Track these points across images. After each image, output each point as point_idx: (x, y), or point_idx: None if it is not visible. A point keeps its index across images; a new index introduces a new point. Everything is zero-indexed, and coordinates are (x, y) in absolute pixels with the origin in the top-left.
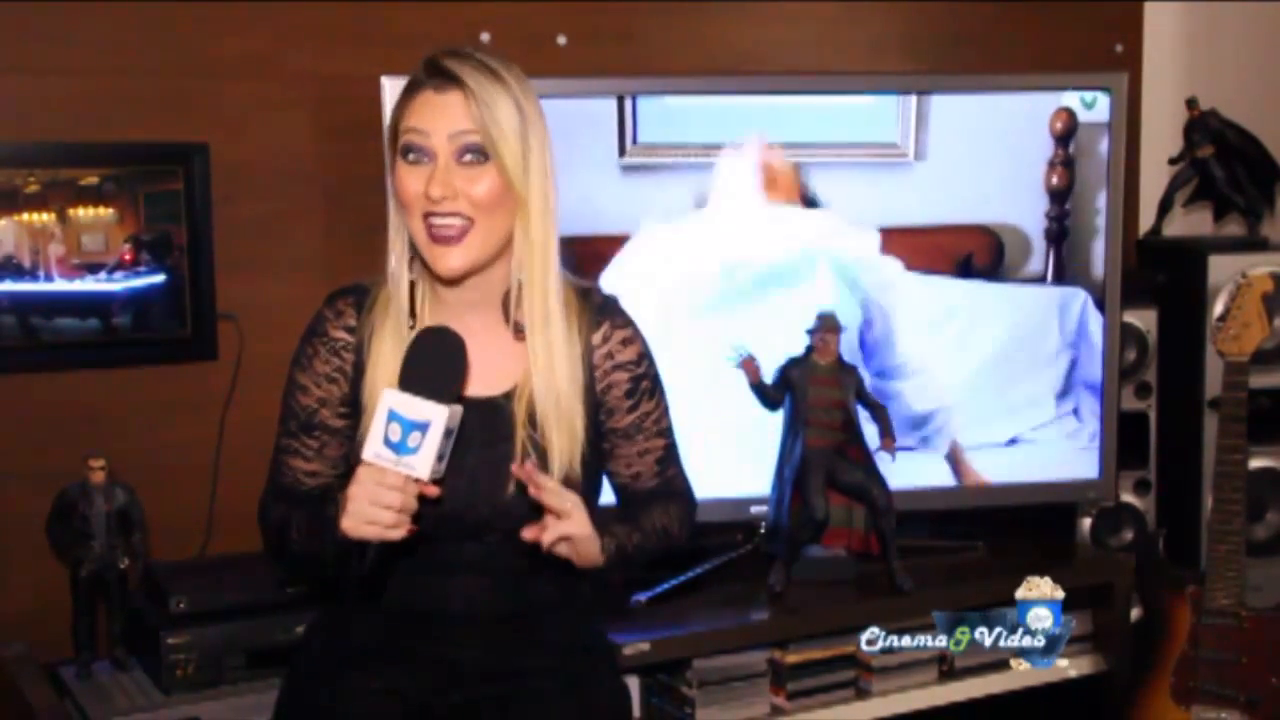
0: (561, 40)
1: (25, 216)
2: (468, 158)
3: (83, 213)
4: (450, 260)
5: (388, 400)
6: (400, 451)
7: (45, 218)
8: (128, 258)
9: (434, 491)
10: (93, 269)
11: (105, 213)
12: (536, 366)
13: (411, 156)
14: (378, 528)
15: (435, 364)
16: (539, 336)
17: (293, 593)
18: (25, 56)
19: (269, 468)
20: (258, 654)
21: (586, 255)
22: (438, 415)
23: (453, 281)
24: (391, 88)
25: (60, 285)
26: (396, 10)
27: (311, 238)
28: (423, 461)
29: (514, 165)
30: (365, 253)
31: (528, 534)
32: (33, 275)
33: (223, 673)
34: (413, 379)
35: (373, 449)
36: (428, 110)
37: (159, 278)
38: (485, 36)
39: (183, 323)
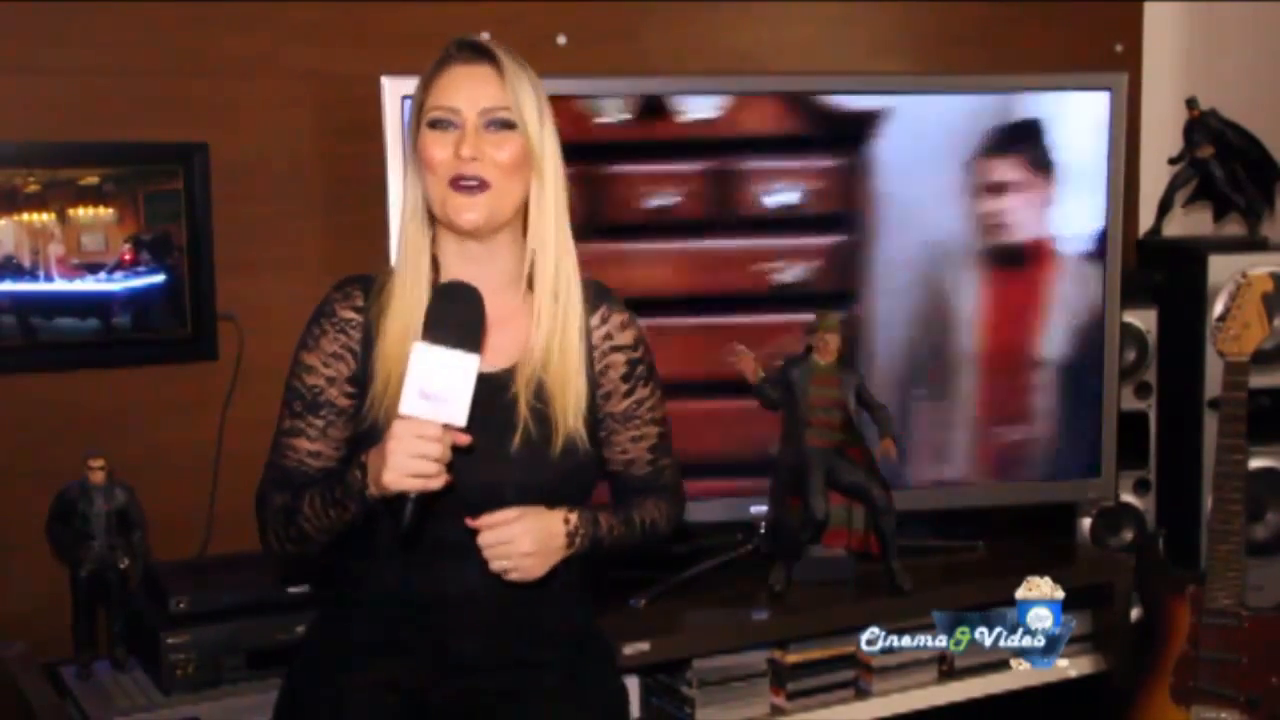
0: (561, 40)
1: (25, 216)
2: (492, 127)
3: (83, 213)
4: (470, 212)
5: (419, 353)
6: (436, 401)
7: (45, 218)
8: (128, 258)
9: (466, 439)
10: (93, 269)
11: (105, 213)
12: (543, 335)
13: (439, 125)
14: (420, 479)
15: (458, 314)
16: (548, 307)
17: (293, 593)
18: (25, 56)
19: (269, 455)
20: (257, 654)
21: None
22: (469, 363)
23: (466, 249)
24: (391, 88)
25: (60, 285)
26: (396, 10)
27: (311, 238)
28: (459, 409)
29: (535, 134)
30: (365, 253)
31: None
32: (32, 275)
33: (222, 673)
34: (439, 331)
35: (409, 402)
36: (458, 84)
37: (159, 278)
38: (485, 36)
39: (183, 323)
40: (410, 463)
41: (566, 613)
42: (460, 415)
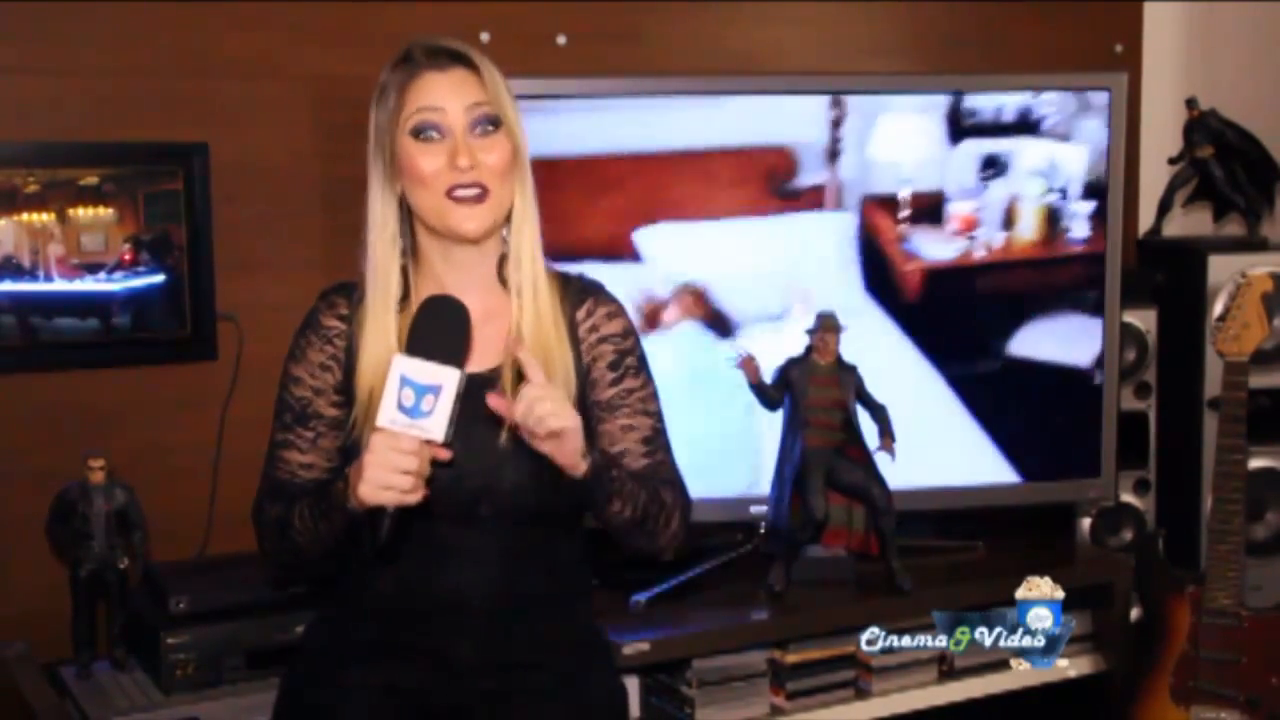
0: (561, 40)
1: (25, 216)
2: (480, 129)
3: (82, 213)
4: (473, 222)
5: (399, 366)
6: (414, 415)
7: (45, 218)
8: (127, 258)
9: (446, 455)
10: (92, 269)
11: (105, 213)
12: (527, 329)
13: (425, 135)
14: (395, 492)
15: (442, 328)
16: (529, 300)
17: (293, 593)
18: (25, 56)
19: (263, 467)
20: (257, 654)
21: None
22: (450, 377)
23: (453, 254)
24: None
25: (60, 285)
26: (396, 10)
27: (311, 238)
28: (437, 424)
29: (518, 132)
30: None
31: (492, 400)
32: (32, 275)
33: (222, 673)
34: (421, 344)
35: (387, 415)
36: (438, 88)
37: (159, 278)
38: (485, 36)
39: (182, 323)
40: (385, 476)
41: (565, 614)
42: (439, 430)
